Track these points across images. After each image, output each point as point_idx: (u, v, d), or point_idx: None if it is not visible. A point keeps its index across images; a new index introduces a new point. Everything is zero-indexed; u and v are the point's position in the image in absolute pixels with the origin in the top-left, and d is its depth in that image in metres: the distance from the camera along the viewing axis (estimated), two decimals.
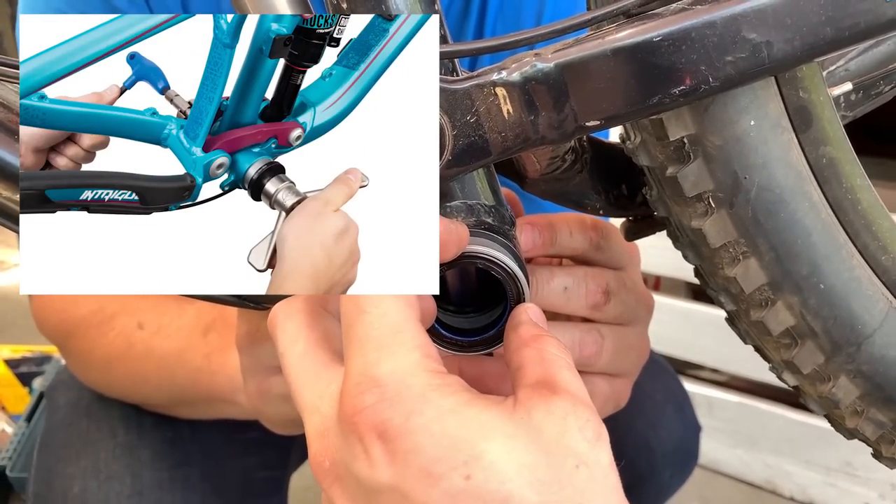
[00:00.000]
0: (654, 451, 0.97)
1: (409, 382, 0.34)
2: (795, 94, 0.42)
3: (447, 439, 0.32)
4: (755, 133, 0.42)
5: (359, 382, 0.34)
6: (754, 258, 0.44)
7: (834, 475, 1.56)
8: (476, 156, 0.40)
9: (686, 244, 0.47)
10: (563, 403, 0.34)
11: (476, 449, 0.32)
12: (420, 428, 0.33)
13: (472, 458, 0.32)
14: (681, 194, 0.43)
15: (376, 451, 0.33)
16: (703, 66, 0.37)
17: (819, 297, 0.45)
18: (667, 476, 1.01)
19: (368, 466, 0.33)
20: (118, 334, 0.77)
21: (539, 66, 0.38)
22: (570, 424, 0.34)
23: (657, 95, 0.38)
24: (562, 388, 0.35)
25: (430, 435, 0.32)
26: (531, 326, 0.40)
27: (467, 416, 0.33)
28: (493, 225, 0.43)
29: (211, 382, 0.71)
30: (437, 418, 0.33)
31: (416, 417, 0.33)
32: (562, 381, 0.36)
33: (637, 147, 0.44)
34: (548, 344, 0.38)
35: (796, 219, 0.43)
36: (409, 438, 0.32)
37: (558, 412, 0.34)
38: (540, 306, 0.42)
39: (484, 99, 0.39)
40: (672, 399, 1.02)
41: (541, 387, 0.35)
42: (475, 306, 0.46)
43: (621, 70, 0.37)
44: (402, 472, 0.32)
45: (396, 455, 0.33)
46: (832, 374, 0.47)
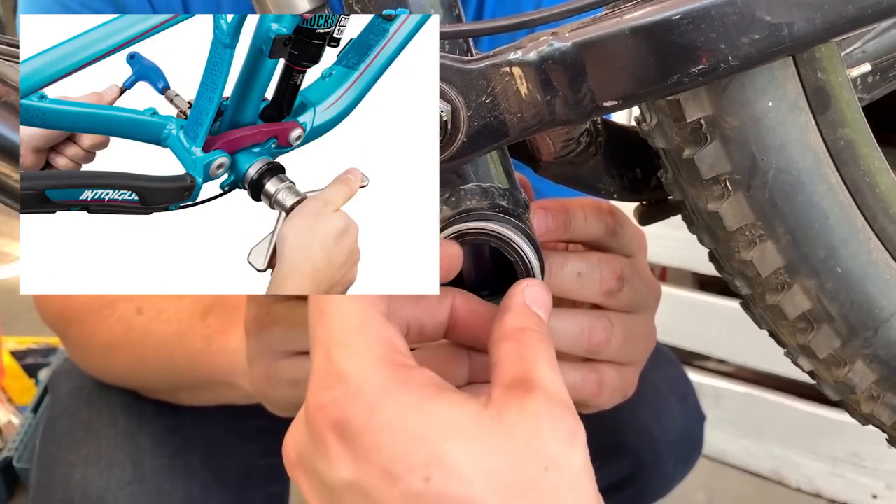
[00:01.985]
0: (658, 441, 0.97)
1: (371, 377, 0.33)
2: (814, 75, 0.41)
3: (408, 438, 0.32)
4: (773, 114, 0.41)
5: (323, 378, 0.34)
6: (771, 241, 0.44)
7: (841, 466, 1.55)
8: (492, 137, 0.40)
9: (701, 227, 0.47)
10: (537, 402, 0.33)
11: (437, 449, 0.31)
12: (381, 425, 0.32)
13: (433, 458, 0.31)
14: (697, 177, 0.43)
15: (337, 448, 0.33)
16: (723, 44, 0.36)
17: (836, 281, 0.44)
18: (671, 466, 1.01)
19: (329, 463, 0.33)
20: (117, 320, 0.77)
21: (556, 45, 0.37)
22: (543, 425, 0.32)
23: (676, 75, 0.37)
24: (537, 387, 0.34)
25: (390, 433, 0.32)
26: (518, 315, 0.39)
27: (430, 413, 0.32)
28: (507, 208, 0.43)
29: (211, 365, 0.71)
30: (398, 415, 0.32)
31: (378, 414, 0.32)
32: (538, 379, 0.34)
33: (653, 129, 0.44)
34: (528, 339, 0.37)
35: (814, 201, 0.43)
36: (369, 436, 0.32)
37: (531, 411, 0.33)
38: (553, 292, 0.42)
39: (500, 79, 0.39)
40: (676, 389, 1.02)
41: (515, 386, 0.34)
42: (491, 289, 0.45)
43: (639, 49, 0.37)
44: (362, 469, 0.32)
45: (357, 452, 0.32)
46: (848, 358, 0.46)
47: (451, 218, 0.42)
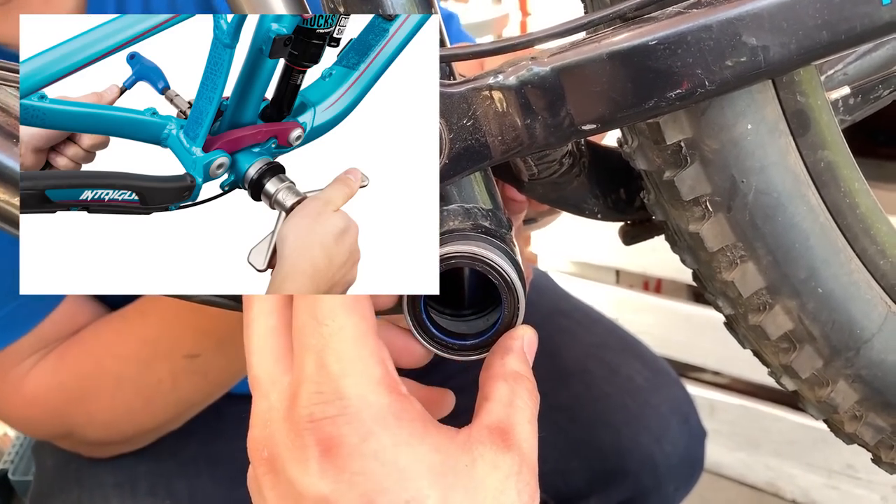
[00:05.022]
0: (659, 466, 0.97)
1: (370, 402, 0.34)
2: (793, 98, 0.42)
3: (396, 473, 0.33)
4: (752, 137, 0.41)
5: (320, 392, 0.34)
6: (752, 262, 0.44)
7: (836, 478, 1.55)
8: (473, 159, 0.40)
9: (684, 248, 0.47)
10: (511, 462, 0.35)
11: (421, 491, 0.33)
12: (373, 454, 0.33)
13: (415, 499, 0.33)
14: (678, 198, 0.43)
15: (321, 463, 0.33)
16: (700, 69, 0.37)
17: (817, 302, 0.44)
18: (672, 489, 1.00)
19: (306, 474, 0.33)
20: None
21: (535, 69, 0.38)
22: (510, 485, 0.35)
23: (653, 99, 0.38)
24: (515, 444, 0.36)
25: (381, 464, 0.33)
26: (517, 361, 0.40)
27: (419, 452, 0.34)
28: (490, 229, 0.43)
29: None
30: (391, 447, 0.33)
31: (372, 442, 0.33)
32: (518, 436, 0.36)
33: (634, 151, 0.44)
34: (522, 388, 0.39)
35: (794, 223, 0.43)
36: (360, 461, 0.33)
37: (504, 469, 0.35)
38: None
39: (481, 102, 0.39)
40: (678, 410, 1.01)
41: (497, 434, 0.36)
42: (470, 310, 0.45)
43: (617, 74, 0.37)
44: (342, 491, 0.33)
45: (342, 473, 0.33)
46: (831, 378, 0.47)
47: None
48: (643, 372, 1.03)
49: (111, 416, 0.77)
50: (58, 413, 0.77)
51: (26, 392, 0.75)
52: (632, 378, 1.02)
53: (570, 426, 0.97)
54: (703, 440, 1.04)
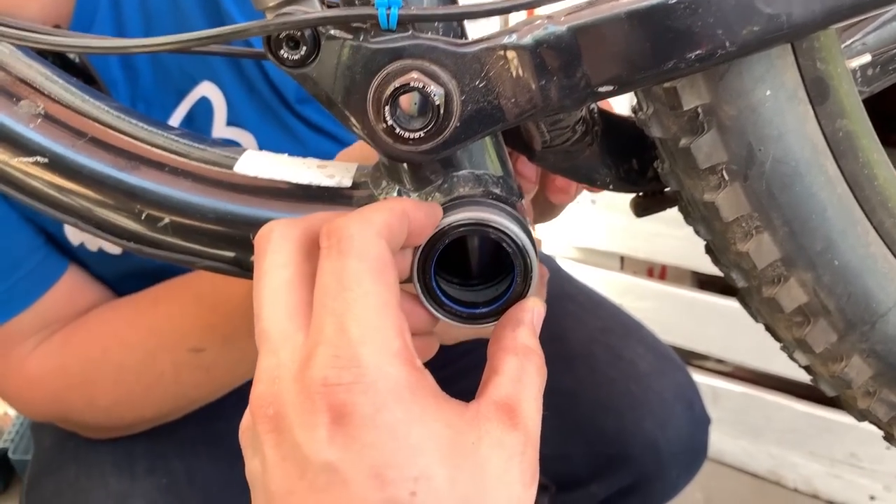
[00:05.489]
0: (662, 452, 0.96)
1: (387, 374, 0.33)
2: (812, 65, 0.41)
3: (407, 448, 0.32)
4: (771, 104, 0.41)
5: (337, 355, 0.33)
6: (767, 233, 0.43)
7: (839, 466, 1.55)
8: (485, 122, 0.39)
9: (697, 219, 0.46)
10: (515, 441, 0.35)
11: (429, 469, 0.32)
12: (386, 426, 0.32)
13: (424, 476, 0.32)
14: (693, 166, 0.42)
15: (329, 429, 0.32)
16: (720, 29, 0.36)
17: (833, 274, 0.44)
18: (674, 475, 1.00)
19: (313, 439, 0.32)
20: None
21: (551, 28, 0.37)
22: (514, 465, 0.35)
23: (672, 60, 0.37)
24: (521, 423, 0.36)
25: (393, 437, 0.32)
26: (527, 334, 0.40)
27: (431, 428, 0.33)
28: (501, 196, 0.43)
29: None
30: (404, 421, 0.33)
31: (386, 414, 0.32)
32: (524, 413, 0.36)
33: (649, 118, 0.43)
34: (531, 363, 0.38)
35: (811, 193, 0.42)
36: (372, 432, 0.32)
37: (508, 448, 0.35)
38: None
39: (494, 63, 0.38)
40: (682, 396, 1.00)
41: (504, 410, 0.36)
42: (478, 279, 0.45)
43: (636, 34, 0.36)
44: (351, 461, 0.32)
45: (353, 443, 0.32)
46: (845, 353, 0.46)
47: (443, 205, 0.42)
48: (647, 357, 1.02)
49: (111, 402, 0.77)
50: (58, 396, 0.77)
51: (28, 373, 0.75)
52: (636, 363, 1.01)
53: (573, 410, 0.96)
54: (706, 427, 1.04)
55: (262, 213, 0.43)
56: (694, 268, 1.63)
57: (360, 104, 0.39)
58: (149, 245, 0.43)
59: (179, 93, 0.77)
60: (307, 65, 0.39)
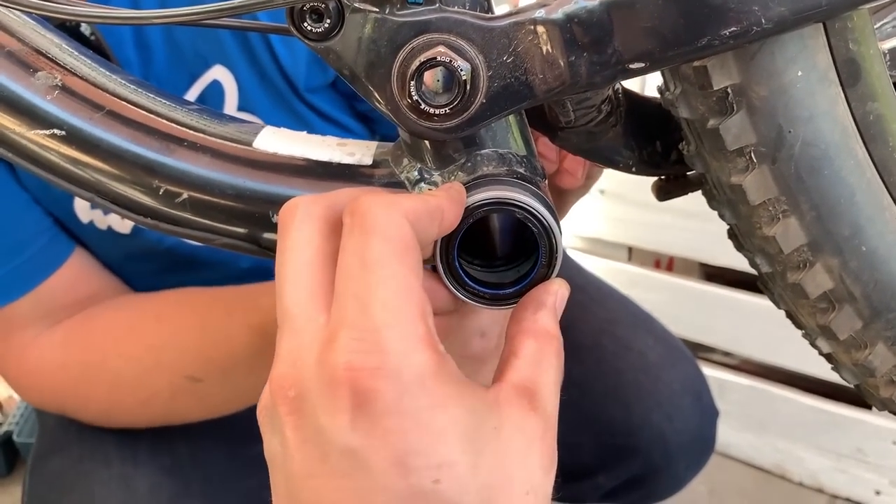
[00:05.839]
0: (670, 444, 0.96)
1: (412, 360, 0.32)
2: (845, 46, 0.40)
3: (430, 435, 0.32)
4: (802, 85, 0.40)
5: (362, 339, 0.32)
6: (795, 217, 0.42)
7: (845, 461, 1.54)
8: (512, 99, 0.38)
9: (723, 202, 0.45)
10: (535, 426, 0.35)
11: (452, 456, 0.32)
12: (410, 413, 0.32)
13: (447, 463, 0.32)
14: (721, 148, 0.42)
15: (352, 414, 0.32)
16: (756, 6, 0.35)
17: (860, 260, 0.43)
18: (682, 468, 0.99)
19: (335, 423, 0.32)
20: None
21: (583, 3, 0.36)
22: (534, 450, 0.35)
23: (706, 37, 0.36)
24: (540, 406, 0.36)
25: (416, 424, 0.32)
26: (548, 318, 0.39)
27: (454, 415, 0.33)
28: (525, 175, 0.42)
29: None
30: (428, 408, 0.32)
31: (409, 401, 0.32)
32: (543, 398, 0.36)
33: (677, 98, 0.42)
34: (551, 348, 0.38)
35: (840, 177, 0.41)
36: (395, 419, 0.32)
37: (528, 433, 0.35)
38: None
39: (523, 38, 0.37)
40: (690, 388, 1.00)
41: (523, 394, 0.36)
42: (500, 260, 0.44)
43: (670, 9, 0.35)
44: (374, 447, 0.32)
45: (375, 429, 0.32)
46: (869, 340, 0.45)
47: (466, 184, 0.41)
48: (656, 348, 1.02)
49: (105, 408, 0.78)
50: (55, 392, 0.77)
51: (28, 363, 0.75)
52: (644, 354, 1.01)
53: (581, 401, 0.96)
54: (715, 419, 1.03)
55: (281, 190, 0.42)
56: (701, 259, 1.62)
57: (384, 79, 0.38)
58: (166, 221, 0.42)
59: (192, 75, 0.76)
60: (330, 38, 0.38)
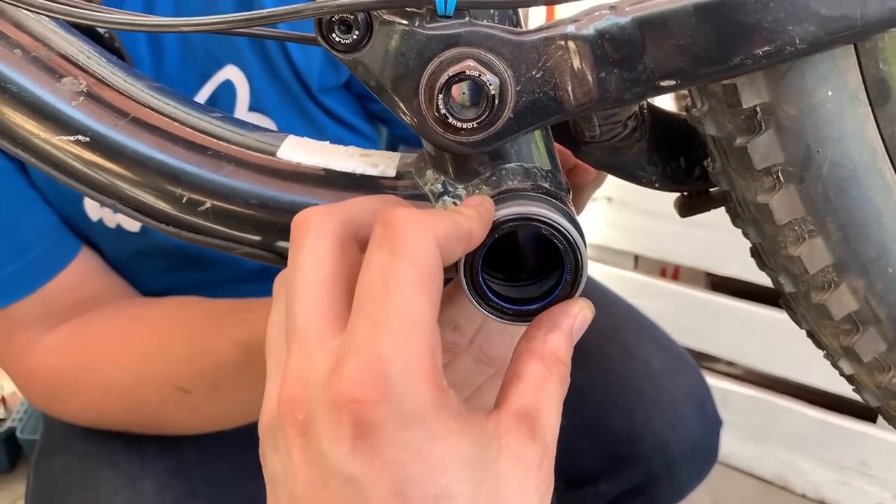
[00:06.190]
0: (672, 452, 0.95)
1: (412, 394, 0.32)
2: (875, 66, 0.40)
3: (428, 466, 0.32)
4: (832, 105, 0.39)
5: (365, 371, 0.32)
6: (821, 237, 0.42)
7: (848, 474, 1.54)
8: (540, 114, 0.38)
9: (748, 221, 0.45)
10: (534, 454, 0.35)
11: (451, 487, 0.32)
12: (408, 445, 0.32)
13: (444, 494, 0.32)
14: (748, 167, 0.41)
15: (352, 443, 0.32)
16: (791, 25, 0.35)
17: (886, 282, 0.43)
18: (684, 477, 0.99)
19: (337, 451, 0.32)
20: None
21: (615, 19, 0.36)
22: (530, 478, 0.35)
23: (739, 56, 0.35)
24: (539, 434, 0.36)
25: (414, 455, 0.32)
26: (560, 341, 0.38)
27: (454, 447, 0.33)
28: (550, 190, 0.41)
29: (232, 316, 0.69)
30: (427, 441, 0.32)
31: (408, 433, 0.32)
32: (542, 424, 0.36)
33: (704, 115, 0.42)
34: (557, 372, 0.38)
35: (868, 198, 0.41)
36: (394, 450, 0.32)
37: (526, 461, 0.35)
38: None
39: (553, 53, 0.37)
40: (694, 397, 0.99)
41: (524, 421, 0.36)
42: (525, 275, 0.44)
43: (703, 27, 0.35)
44: (373, 476, 0.32)
45: (375, 459, 0.32)
46: (893, 363, 0.45)
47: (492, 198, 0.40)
48: (660, 356, 1.02)
49: (97, 414, 0.77)
50: (53, 394, 0.77)
51: (29, 364, 0.75)
52: (648, 362, 1.00)
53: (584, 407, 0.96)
54: (718, 428, 1.03)
55: (305, 200, 0.42)
56: (707, 269, 1.62)
57: (412, 91, 0.38)
58: (188, 229, 0.42)
59: (204, 75, 0.76)
60: (358, 49, 0.38)
